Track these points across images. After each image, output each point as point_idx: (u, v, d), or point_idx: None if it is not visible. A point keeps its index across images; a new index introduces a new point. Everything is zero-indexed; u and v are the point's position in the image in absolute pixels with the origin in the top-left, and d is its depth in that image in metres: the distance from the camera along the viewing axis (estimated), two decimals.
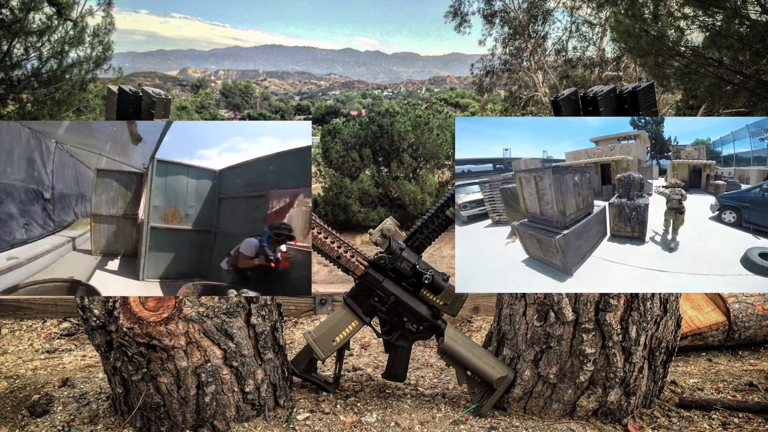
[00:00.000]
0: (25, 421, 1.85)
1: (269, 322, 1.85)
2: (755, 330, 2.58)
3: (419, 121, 14.47)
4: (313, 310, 3.06)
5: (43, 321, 2.93)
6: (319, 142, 15.77)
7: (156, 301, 1.62)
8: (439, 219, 1.90)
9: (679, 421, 1.88)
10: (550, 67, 19.42)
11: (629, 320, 1.75)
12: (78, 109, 8.18)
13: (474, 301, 3.05)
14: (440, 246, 10.60)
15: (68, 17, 8.03)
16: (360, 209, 13.85)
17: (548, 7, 18.81)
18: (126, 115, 1.70)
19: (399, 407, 1.93)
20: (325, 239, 1.86)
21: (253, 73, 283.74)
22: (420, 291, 1.91)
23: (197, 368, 1.69)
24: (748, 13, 7.06)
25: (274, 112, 60.99)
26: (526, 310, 1.86)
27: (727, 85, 7.75)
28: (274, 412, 1.85)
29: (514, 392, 1.88)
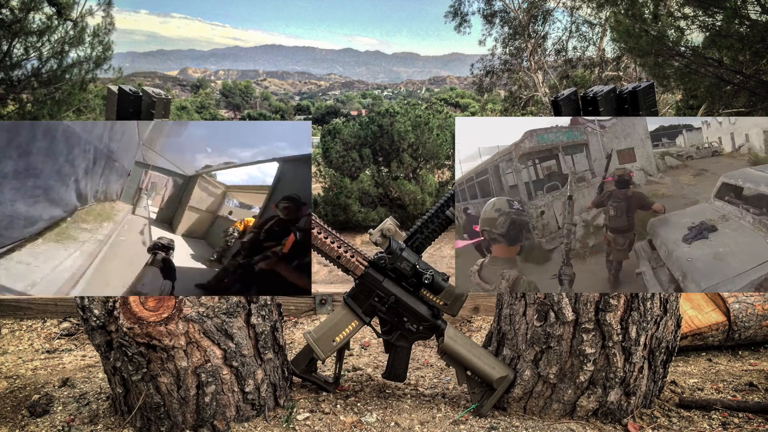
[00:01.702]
0: (25, 421, 1.85)
1: (269, 322, 1.85)
2: (755, 330, 2.58)
3: (419, 121, 14.47)
4: (313, 310, 3.06)
5: (43, 321, 2.93)
6: (319, 142, 15.77)
7: (156, 301, 1.62)
8: (439, 219, 1.90)
9: (679, 421, 1.88)
10: (550, 67, 19.42)
11: (629, 320, 1.75)
12: (78, 109, 8.18)
13: (474, 301, 3.05)
14: (440, 246, 10.60)
15: (68, 17, 8.03)
16: (360, 209, 13.84)
17: (548, 7, 18.81)
18: (126, 115, 1.70)
19: (399, 407, 1.93)
20: (325, 239, 1.86)
21: (253, 73, 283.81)
22: (420, 291, 1.91)
23: (197, 368, 1.69)
24: (748, 13, 7.06)
25: (274, 112, 60.99)
26: (526, 310, 1.86)
27: (727, 85, 7.76)
28: (274, 412, 1.85)
29: (514, 392, 1.88)
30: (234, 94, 70.10)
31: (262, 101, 74.48)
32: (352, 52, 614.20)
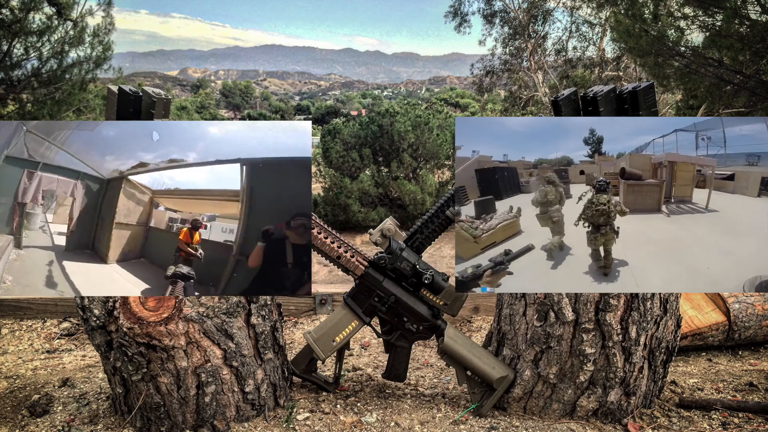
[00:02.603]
0: (25, 421, 1.85)
1: (269, 322, 1.85)
2: (755, 330, 2.58)
3: (419, 121, 14.47)
4: (313, 310, 3.06)
5: (43, 321, 2.93)
6: (319, 142, 15.77)
7: (156, 301, 1.62)
8: (439, 219, 1.90)
9: (679, 421, 1.88)
10: (550, 67, 19.42)
11: (629, 320, 1.75)
12: (78, 109, 8.18)
13: (474, 301, 3.05)
14: (440, 246, 10.60)
15: (68, 17, 8.03)
16: (360, 209, 13.84)
17: (548, 7, 18.81)
18: (126, 116, 1.70)
19: (399, 407, 1.93)
20: (325, 239, 1.86)
21: (253, 73, 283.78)
22: (420, 291, 1.91)
23: (197, 368, 1.69)
24: (748, 13, 7.06)
25: (274, 112, 60.97)
26: (526, 310, 1.86)
27: (727, 85, 7.75)
28: (274, 412, 1.85)
29: (514, 392, 1.88)
30: (234, 94, 70.09)
31: (262, 101, 74.47)
32: (352, 52, 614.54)
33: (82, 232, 1.50)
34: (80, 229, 1.50)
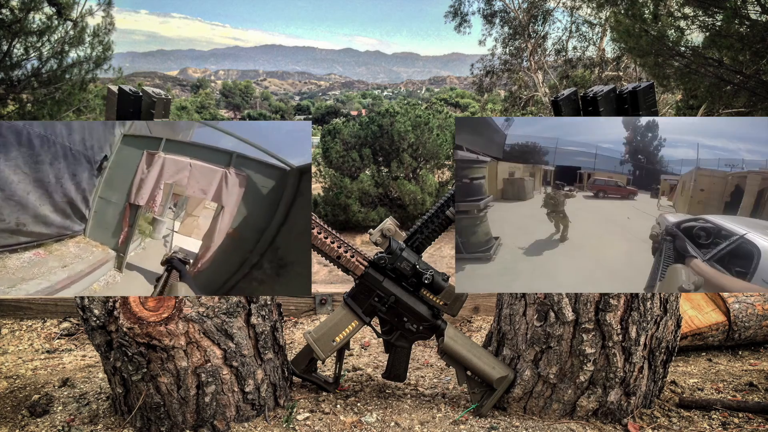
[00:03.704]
0: (25, 421, 1.85)
1: (269, 322, 1.85)
2: (755, 330, 2.58)
3: (419, 121, 14.48)
4: (313, 310, 3.06)
5: (43, 321, 2.93)
6: (319, 142, 15.77)
7: (156, 301, 1.62)
8: (439, 219, 1.90)
9: (679, 421, 1.88)
10: (550, 67, 19.42)
11: (629, 320, 1.75)
12: (78, 109, 8.18)
13: (474, 301, 3.05)
14: (440, 246, 10.61)
15: (68, 17, 8.03)
16: (360, 209, 13.85)
17: (548, 7, 18.81)
18: (126, 116, 1.70)
19: (399, 407, 1.93)
20: (325, 239, 1.86)
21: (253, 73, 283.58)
22: (420, 291, 1.91)
23: (197, 368, 1.69)
24: (748, 13, 7.06)
25: (274, 112, 60.96)
26: (526, 310, 1.86)
27: (727, 85, 7.75)
28: (274, 412, 1.85)
29: (514, 392, 1.88)
30: (234, 94, 70.06)
31: (262, 101, 74.45)
32: (352, 52, 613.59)
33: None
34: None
